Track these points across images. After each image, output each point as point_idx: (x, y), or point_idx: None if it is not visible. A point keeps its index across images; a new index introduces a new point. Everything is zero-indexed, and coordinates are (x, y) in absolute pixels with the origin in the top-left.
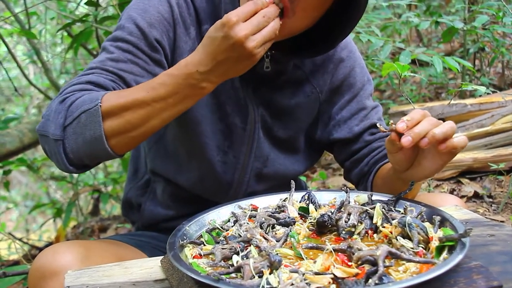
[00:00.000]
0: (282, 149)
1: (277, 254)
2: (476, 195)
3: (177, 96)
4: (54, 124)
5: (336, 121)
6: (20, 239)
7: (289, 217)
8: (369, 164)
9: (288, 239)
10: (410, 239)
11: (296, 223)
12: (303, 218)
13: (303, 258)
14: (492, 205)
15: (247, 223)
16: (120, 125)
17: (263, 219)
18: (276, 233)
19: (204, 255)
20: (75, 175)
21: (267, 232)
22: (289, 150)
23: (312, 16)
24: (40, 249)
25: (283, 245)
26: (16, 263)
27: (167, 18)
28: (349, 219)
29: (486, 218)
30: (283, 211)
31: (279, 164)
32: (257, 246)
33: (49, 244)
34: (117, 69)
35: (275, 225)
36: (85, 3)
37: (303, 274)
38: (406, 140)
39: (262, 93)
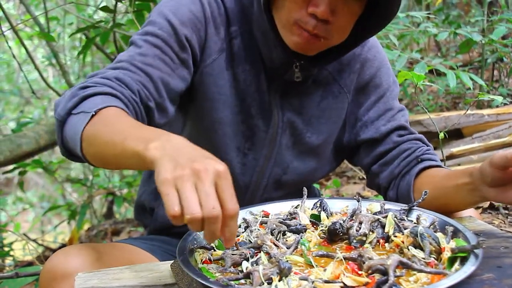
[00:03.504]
0: (309, 156)
1: (287, 261)
2: (492, 207)
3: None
4: (64, 105)
5: (363, 122)
6: (34, 240)
7: (300, 224)
8: (401, 165)
9: (299, 247)
10: (422, 249)
11: (307, 230)
12: (314, 226)
13: (313, 266)
14: (508, 217)
15: (258, 229)
16: (92, 139)
17: (274, 225)
18: (287, 240)
19: (214, 260)
20: (90, 177)
21: (278, 238)
22: (316, 157)
23: (348, 31)
24: (54, 251)
25: (294, 252)
26: (30, 264)
27: (199, 17)
28: (360, 228)
29: (502, 230)
30: (294, 218)
31: (300, 173)
32: (267, 253)
33: (63, 245)
34: (145, 64)
35: (286, 232)
36: (101, 9)
37: (313, 282)
38: None
39: (291, 99)
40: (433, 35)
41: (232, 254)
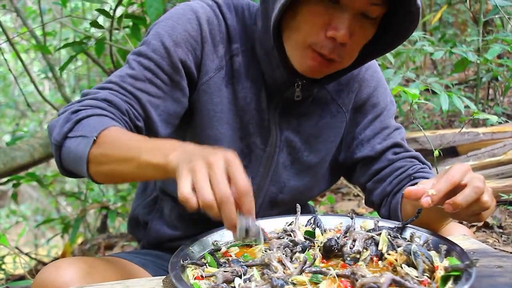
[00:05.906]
0: (306, 175)
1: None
2: (486, 225)
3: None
4: (59, 130)
5: (359, 140)
6: (26, 254)
7: (307, 241)
8: (392, 183)
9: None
10: (415, 267)
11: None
12: (310, 243)
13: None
14: (502, 235)
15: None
16: (103, 158)
17: (285, 244)
18: (300, 261)
19: (206, 276)
20: (85, 191)
21: (292, 260)
22: (312, 175)
23: (357, 54)
24: (45, 264)
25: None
26: (21, 278)
27: (195, 37)
28: (354, 245)
29: (496, 249)
30: (290, 235)
31: (297, 192)
32: (261, 270)
33: (55, 259)
34: (134, 88)
35: (296, 251)
36: (91, 24)
37: None
38: (425, 201)
39: (289, 118)
40: (428, 53)
41: (224, 271)
